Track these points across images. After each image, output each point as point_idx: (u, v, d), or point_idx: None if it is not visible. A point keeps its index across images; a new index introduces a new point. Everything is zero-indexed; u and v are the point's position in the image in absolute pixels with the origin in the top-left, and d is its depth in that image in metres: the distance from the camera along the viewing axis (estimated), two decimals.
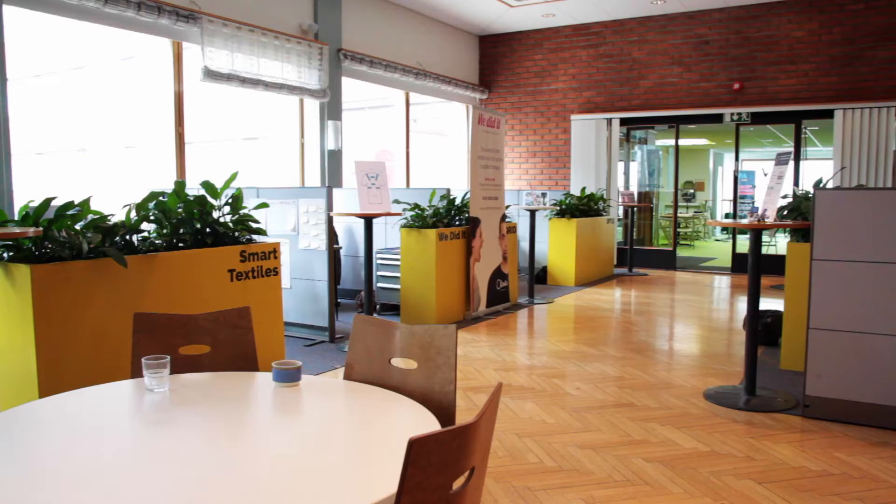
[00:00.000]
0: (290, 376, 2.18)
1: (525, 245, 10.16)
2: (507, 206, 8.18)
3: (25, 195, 6.27)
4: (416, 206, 7.00)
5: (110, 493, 1.44)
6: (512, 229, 8.16)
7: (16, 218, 3.61)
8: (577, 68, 12.10)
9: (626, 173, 12.97)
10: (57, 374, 3.46)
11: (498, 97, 12.89)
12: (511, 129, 12.75)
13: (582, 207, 10.11)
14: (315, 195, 6.10)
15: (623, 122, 11.96)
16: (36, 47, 6.83)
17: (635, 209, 11.84)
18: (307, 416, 1.96)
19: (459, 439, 1.44)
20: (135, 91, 8.39)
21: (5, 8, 6.00)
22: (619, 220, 12.24)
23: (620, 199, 11.62)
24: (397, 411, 1.99)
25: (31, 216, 3.54)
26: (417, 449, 1.34)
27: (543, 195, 8.68)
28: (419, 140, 12.28)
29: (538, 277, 9.89)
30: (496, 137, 7.69)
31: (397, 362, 2.32)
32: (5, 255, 3.52)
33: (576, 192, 11.15)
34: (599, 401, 4.52)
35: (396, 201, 6.95)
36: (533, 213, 8.36)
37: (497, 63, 12.85)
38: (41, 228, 3.39)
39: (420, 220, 6.93)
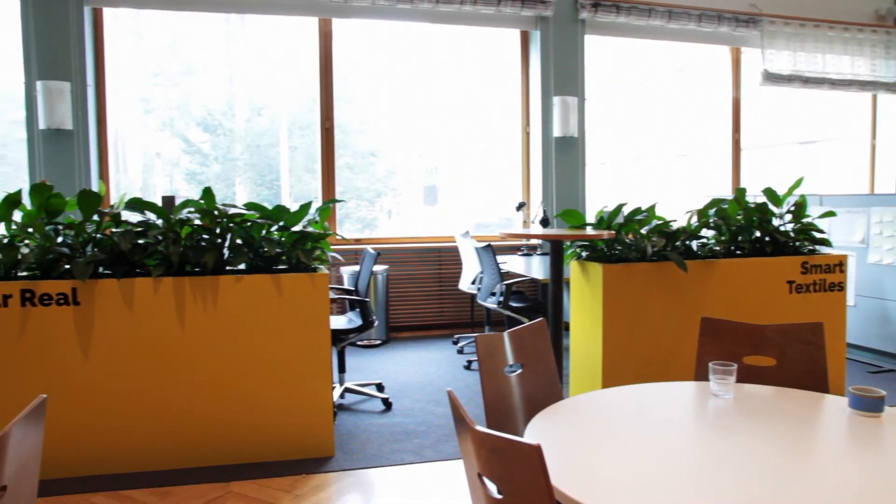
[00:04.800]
0: (871, 405, 1.95)
1: None
2: None
3: (593, 201, 7.04)
4: None
5: (678, 483, 1.49)
6: None
7: (590, 221, 4.04)
8: None
9: None
10: (617, 367, 3.76)
11: None
12: None
13: None
14: (890, 203, 5.41)
15: None
16: (600, 68, 7.56)
17: None
18: (891, 454, 1.72)
19: None
20: (687, 101, 8.64)
21: (586, 37, 6.85)
22: None
23: None
24: None
25: (605, 220, 3.92)
26: None
27: None
28: None
29: None
30: None
31: None
32: (582, 253, 3.97)
33: None
34: None
35: None
36: None
37: None
38: (614, 231, 3.72)
39: None
